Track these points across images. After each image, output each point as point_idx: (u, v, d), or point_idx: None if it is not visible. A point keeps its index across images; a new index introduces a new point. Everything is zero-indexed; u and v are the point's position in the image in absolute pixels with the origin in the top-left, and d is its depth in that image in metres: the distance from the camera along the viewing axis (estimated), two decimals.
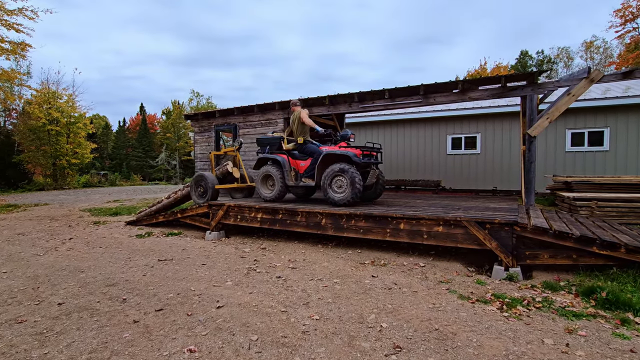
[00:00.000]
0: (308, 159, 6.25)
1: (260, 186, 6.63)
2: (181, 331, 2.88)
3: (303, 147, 6.37)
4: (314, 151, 6.14)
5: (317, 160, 5.94)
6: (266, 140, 6.75)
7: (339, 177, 5.62)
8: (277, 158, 6.37)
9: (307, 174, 6.11)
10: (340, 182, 5.60)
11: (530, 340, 2.65)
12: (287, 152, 6.47)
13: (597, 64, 32.54)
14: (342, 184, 5.59)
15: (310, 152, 6.24)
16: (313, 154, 6.14)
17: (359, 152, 5.74)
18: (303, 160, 6.32)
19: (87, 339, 2.78)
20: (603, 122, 9.47)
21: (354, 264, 4.75)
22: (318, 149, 6.07)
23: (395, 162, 11.96)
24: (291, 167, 6.30)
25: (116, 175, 29.96)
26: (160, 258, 5.20)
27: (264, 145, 6.72)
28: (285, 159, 6.34)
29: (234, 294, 3.70)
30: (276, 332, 2.83)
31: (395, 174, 11.89)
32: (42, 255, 5.56)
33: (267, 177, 6.60)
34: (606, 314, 3.08)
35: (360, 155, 5.74)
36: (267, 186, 6.63)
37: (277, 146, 6.60)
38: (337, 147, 5.92)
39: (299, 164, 6.33)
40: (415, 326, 2.90)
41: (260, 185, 6.64)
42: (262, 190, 6.61)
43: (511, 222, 4.12)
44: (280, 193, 6.35)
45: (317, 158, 5.95)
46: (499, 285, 3.86)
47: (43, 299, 3.65)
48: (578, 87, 5.68)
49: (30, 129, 21.06)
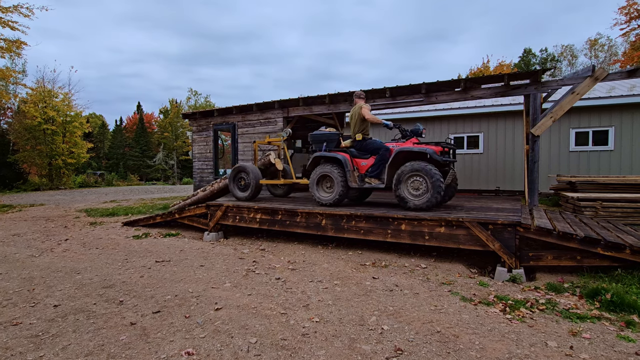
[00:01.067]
0: (370, 157, 5.63)
1: (316, 188, 5.92)
2: (179, 333, 2.88)
3: (363, 144, 5.74)
4: (379, 148, 5.51)
5: (384, 158, 5.36)
6: (323, 136, 6.05)
7: (416, 177, 5.01)
8: (338, 156, 5.67)
9: (372, 173, 5.47)
10: (418, 183, 5.00)
11: (533, 343, 2.65)
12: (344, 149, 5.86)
13: (601, 62, 32.54)
14: (419, 185, 4.99)
15: (373, 150, 5.60)
16: (378, 151, 5.49)
17: (438, 149, 5.15)
18: (363, 158, 5.69)
19: (84, 341, 2.78)
20: (608, 121, 9.48)
21: (355, 265, 4.75)
22: (384, 145, 5.47)
23: None
24: (354, 167, 5.66)
25: (113, 175, 29.97)
26: (158, 259, 5.21)
27: (319, 142, 6.04)
28: (347, 157, 5.68)
29: (233, 295, 3.70)
30: (275, 334, 2.83)
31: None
32: (37, 257, 5.56)
33: (323, 177, 5.90)
34: (611, 316, 3.08)
35: (440, 153, 5.17)
36: (324, 188, 5.92)
37: (335, 143, 5.96)
38: (409, 144, 5.32)
39: (359, 163, 5.71)
40: (417, 328, 2.90)
41: (315, 187, 5.92)
42: (318, 193, 5.90)
43: (514, 222, 4.12)
44: (341, 196, 5.63)
45: (384, 156, 5.36)
46: (502, 287, 3.86)
47: (39, 301, 3.65)
48: (582, 85, 5.68)
49: (26, 128, 21.08)
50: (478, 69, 32.44)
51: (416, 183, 5.03)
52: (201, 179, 10.16)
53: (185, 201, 8.10)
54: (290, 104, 8.44)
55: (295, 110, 8.44)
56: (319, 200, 5.88)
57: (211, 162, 9.92)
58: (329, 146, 5.98)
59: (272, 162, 7.05)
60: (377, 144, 5.61)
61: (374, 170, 5.47)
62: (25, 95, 22.47)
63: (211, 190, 7.68)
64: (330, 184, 5.87)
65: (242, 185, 6.67)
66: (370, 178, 5.49)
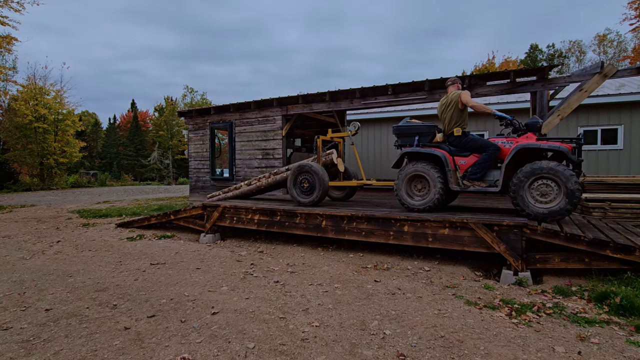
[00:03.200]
0: (470, 156, 4.95)
1: (404, 190, 5.16)
2: (174, 338, 2.88)
3: (462, 140, 4.98)
4: (485, 145, 4.79)
5: (492, 157, 4.73)
6: (414, 128, 5.24)
7: (544, 180, 4.29)
8: (436, 153, 4.97)
9: (473, 175, 4.78)
10: (546, 188, 4.29)
11: (540, 348, 2.65)
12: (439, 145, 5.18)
13: (610, 59, 32.55)
14: (548, 190, 4.28)
15: (476, 147, 4.87)
16: (483, 149, 4.79)
17: (570, 147, 4.41)
18: (462, 156, 5.00)
19: (76, 346, 2.78)
20: (617, 120, 9.48)
21: (356, 268, 4.76)
22: (492, 143, 4.78)
23: None
24: (457, 166, 4.97)
25: (106, 175, 29.98)
26: (153, 262, 5.21)
27: (409, 135, 5.25)
28: (447, 155, 4.96)
29: (230, 299, 3.70)
30: (274, 339, 2.83)
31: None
32: (28, 259, 5.56)
33: (415, 178, 5.13)
34: (620, 320, 3.08)
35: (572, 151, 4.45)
36: (415, 190, 5.17)
37: (430, 137, 5.18)
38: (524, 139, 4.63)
39: (457, 162, 5.04)
40: (420, 333, 2.90)
41: (403, 189, 5.16)
42: (405, 197, 5.14)
43: (520, 224, 4.12)
44: (438, 200, 4.88)
45: (493, 155, 4.71)
46: (508, 291, 3.86)
47: (29, 305, 3.65)
48: (590, 82, 5.68)
49: (16, 126, 21.10)
50: (483, 66, 32.47)
51: (544, 187, 4.32)
52: (197, 179, 10.16)
53: (226, 193, 7.55)
54: (290, 101, 8.44)
55: (294, 108, 8.44)
56: (407, 205, 5.12)
57: (208, 162, 9.92)
58: (422, 141, 5.18)
59: (335, 162, 6.40)
60: (482, 140, 4.90)
61: (476, 172, 4.79)
62: (16, 92, 22.53)
63: (258, 186, 7.11)
64: (422, 186, 5.13)
65: (306, 187, 5.99)
66: (472, 180, 4.81)
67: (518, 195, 4.41)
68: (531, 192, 4.40)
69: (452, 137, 5.07)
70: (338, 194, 6.95)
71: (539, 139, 4.58)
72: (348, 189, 6.80)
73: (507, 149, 4.67)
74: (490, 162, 4.76)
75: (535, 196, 4.38)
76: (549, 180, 4.27)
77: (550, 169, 4.22)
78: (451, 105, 5.05)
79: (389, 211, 5.17)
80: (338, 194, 6.95)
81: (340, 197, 6.92)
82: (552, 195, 4.27)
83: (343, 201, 6.85)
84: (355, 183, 6.22)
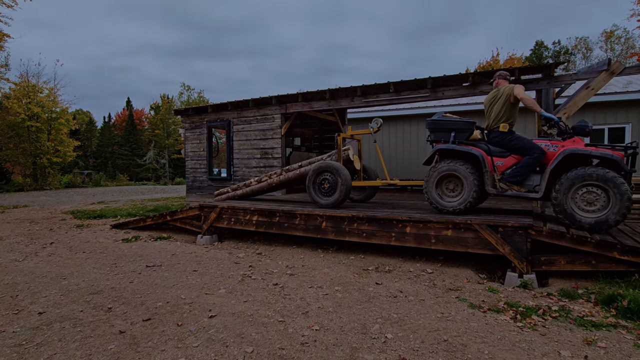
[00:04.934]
0: (509, 157, 4.73)
1: (434, 189, 4.95)
2: (171, 342, 2.88)
3: (505, 138, 4.73)
4: (530, 147, 4.53)
5: (536, 161, 4.50)
6: (450, 123, 4.95)
7: (593, 188, 4.12)
8: (474, 152, 4.72)
9: (512, 178, 4.55)
10: (593, 197, 4.13)
11: (546, 353, 2.65)
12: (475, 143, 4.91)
13: (617, 56, 32.56)
14: (596, 198, 4.13)
15: (519, 148, 4.62)
16: (527, 151, 4.55)
17: (622, 155, 4.23)
18: (500, 157, 4.76)
19: (70, 350, 2.78)
20: (624, 118, 9.47)
21: (357, 270, 4.76)
22: (537, 146, 4.53)
23: (401, 161, 11.95)
24: (495, 167, 4.73)
25: (101, 175, 30.02)
26: (149, 264, 5.21)
27: (444, 131, 4.98)
28: (484, 155, 4.73)
29: (228, 302, 3.71)
30: (273, 343, 2.83)
31: (401, 174, 11.89)
32: (21, 261, 5.56)
33: (446, 177, 4.92)
34: (627, 324, 3.08)
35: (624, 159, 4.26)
36: (446, 191, 4.95)
37: (467, 134, 4.90)
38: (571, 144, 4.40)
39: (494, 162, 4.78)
40: (423, 337, 2.90)
41: (433, 189, 4.96)
42: (436, 197, 4.95)
43: (525, 225, 4.12)
44: (471, 203, 4.71)
45: (537, 159, 4.48)
46: (513, 293, 3.86)
47: (22, 308, 3.65)
48: (597, 80, 5.68)
49: (9, 125, 21.11)
50: (487, 63, 32.48)
51: (591, 196, 4.16)
52: (194, 179, 10.16)
53: (236, 191, 7.36)
54: (289, 99, 8.44)
55: (293, 106, 8.44)
56: (437, 206, 4.93)
57: (205, 161, 9.93)
58: (458, 138, 4.91)
59: (351, 159, 6.18)
60: (528, 141, 4.62)
61: (516, 175, 4.54)
62: (8, 90, 22.50)
63: (269, 183, 6.87)
64: (454, 186, 4.92)
65: (326, 188, 5.77)
66: (510, 184, 4.58)
67: (561, 203, 4.25)
68: (575, 200, 4.24)
69: (494, 134, 4.85)
70: (357, 194, 6.70)
71: (588, 145, 4.36)
72: (368, 189, 6.59)
73: (552, 152, 4.45)
74: (534, 166, 4.55)
75: (580, 204, 4.22)
76: (596, 188, 4.13)
77: (600, 176, 4.06)
78: (501, 99, 4.81)
79: (390, 212, 5.18)
80: (357, 194, 6.70)
81: (359, 198, 6.69)
82: (599, 204, 4.13)
83: (363, 203, 6.62)
84: (380, 183, 6.04)
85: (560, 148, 4.41)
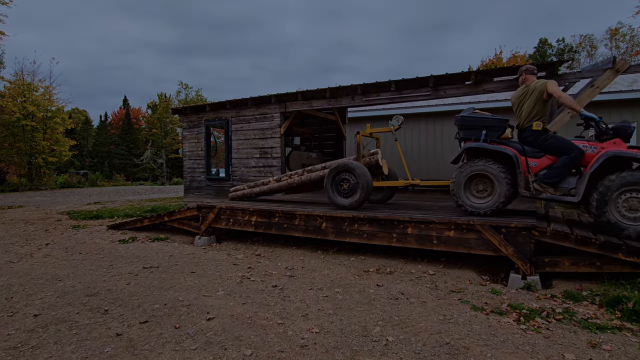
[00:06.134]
0: (543, 157, 4.56)
1: (463, 190, 4.80)
2: (168, 345, 2.88)
3: (540, 137, 4.54)
4: (567, 146, 4.34)
5: (573, 162, 4.33)
6: (482, 120, 4.78)
7: (635, 193, 3.99)
8: (507, 151, 4.55)
9: (547, 179, 4.38)
10: (637, 203, 4.01)
11: (549, 355, 2.65)
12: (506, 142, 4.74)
13: (622, 53, 32.55)
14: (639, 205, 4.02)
15: (555, 148, 4.44)
16: (565, 151, 4.35)
17: None
18: (534, 157, 4.59)
19: (66, 353, 2.78)
20: (629, 117, 9.47)
21: (357, 271, 4.76)
22: (575, 146, 4.33)
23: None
24: (529, 168, 4.56)
25: (97, 175, 30.00)
26: (146, 265, 5.21)
27: (475, 128, 4.80)
28: (518, 154, 4.56)
29: (226, 304, 3.71)
30: (272, 346, 2.83)
31: (401, 174, 11.89)
32: (16, 262, 5.56)
33: (475, 177, 4.76)
34: (633, 326, 3.08)
35: None
36: (474, 191, 4.80)
37: (499, 132, 4.72)
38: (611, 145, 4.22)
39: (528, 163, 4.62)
40: (424, 340, 2.90)
41: (461, 189, 4.80)
42: (464, 197, 4.80)
43: (529, 226, 4.12)
44: (502, 204, 4.58)
45: (574, 160, 4.32)
46: (516, 295, 3.86)
47: (17, 310, 3.65)
48: (602, 78, 5.68)
49: (4, 124, 21.09)
50: (490, 61, 32.46)
51: (634, 202, 4.02)
52: (192, 179, 10.16)
53: (252, 189, 7.26)
54: (288, 98, 8.44)
55: (293, 105, 8.44)
56: (466, 207, 4.79)
57: (203, 161, 9.93)
58: (489, 136, 4.72)
59: (380, 163, 5.99)
60: (565, 140, 4.42)
61: (552, 176, 4.36)
62: (3, 88, 22.49)
63: (289, 183, 6.68)
64: (483, 187, 4.75)
65: (346, 188, 5.65)
66: (544, 186, 4.40)
67: (602, 208, 4.11)
68: (617, 205, 4.09)
69: (527, 133, 4.65)
70: (375, 195, 6.56)
71: (630, 147, 4.18)
72: (386, 190, 6.44)
73: (590, 154, 4.27)
74: (572, 167, 4.38)
75: (621, 211, 4.08)
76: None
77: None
78: (533, 95, 4.61)
79: (392, 212, 5.17)
80: (375, 195, 6.56)
81: (377, 199, 6.56)
82: None
83: (382, 204, 6.49)
84: (403, 183, 5.86)
85: (601, 150, 4.22)
